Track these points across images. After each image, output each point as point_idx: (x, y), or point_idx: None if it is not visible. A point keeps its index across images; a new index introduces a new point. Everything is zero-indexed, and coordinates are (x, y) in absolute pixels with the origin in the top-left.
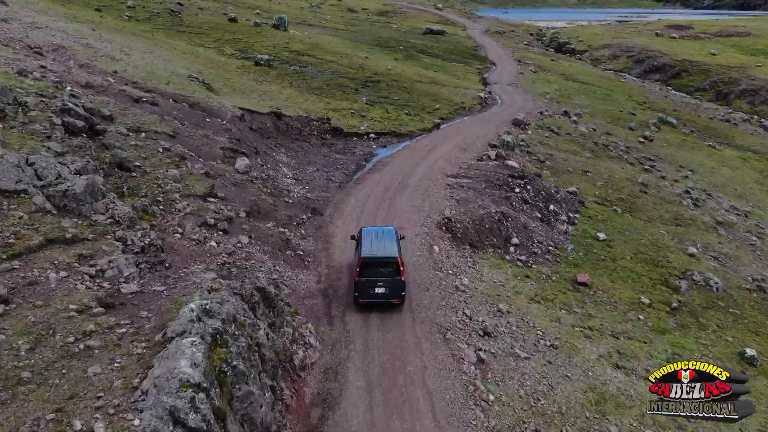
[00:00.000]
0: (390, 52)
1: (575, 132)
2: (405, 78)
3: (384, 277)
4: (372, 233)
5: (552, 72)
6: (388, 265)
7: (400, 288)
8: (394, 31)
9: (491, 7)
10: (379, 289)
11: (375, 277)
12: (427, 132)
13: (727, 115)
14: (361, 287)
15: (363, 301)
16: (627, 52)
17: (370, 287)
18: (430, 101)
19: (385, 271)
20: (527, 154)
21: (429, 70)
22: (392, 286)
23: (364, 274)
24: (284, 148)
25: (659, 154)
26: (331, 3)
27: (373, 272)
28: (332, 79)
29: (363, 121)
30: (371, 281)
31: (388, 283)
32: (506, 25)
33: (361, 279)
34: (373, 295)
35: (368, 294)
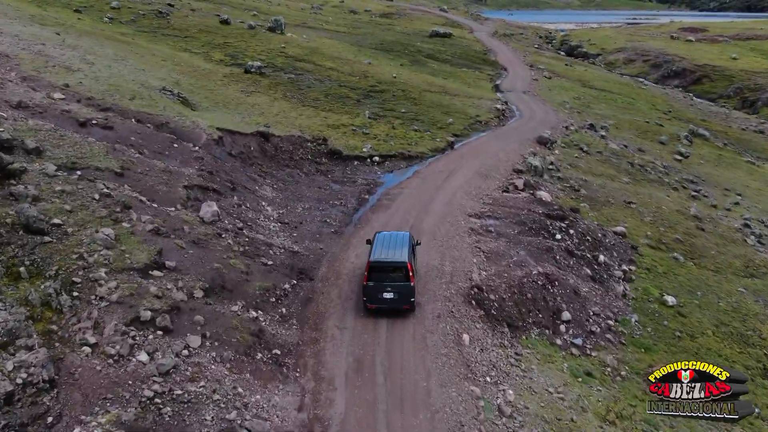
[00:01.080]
0: (395, 57)
1: (606, 150)
2: (412, 87)
3: (392, 282)
4: (385, 237)
5: (567, 78)
6: (396, 270)
7: (409, 294)
8: (398, 33)
9: (494, 9)
10: (387, 294)
11: (383, 281)
12: (440, 153)
13: (760, 126)
14: (368, 291)
15: (371, 305)
16: (643, 56)
17: (378, 292)
18: (441, 114)
19: (394, 276)
20: (558, 181)
21: (438, 77)
22: (401, 292)
23: (372, 278)
24: (270, 178)
25: (700, 174)
26: (333, 4)
27: (382, 277)
28: (331, 88)
29: (366, 141)
30: (379, 286)
31: (396, 288)
32: (514, 28)
33: (369, 283)
34: (381, 300)
35: (376, 299)
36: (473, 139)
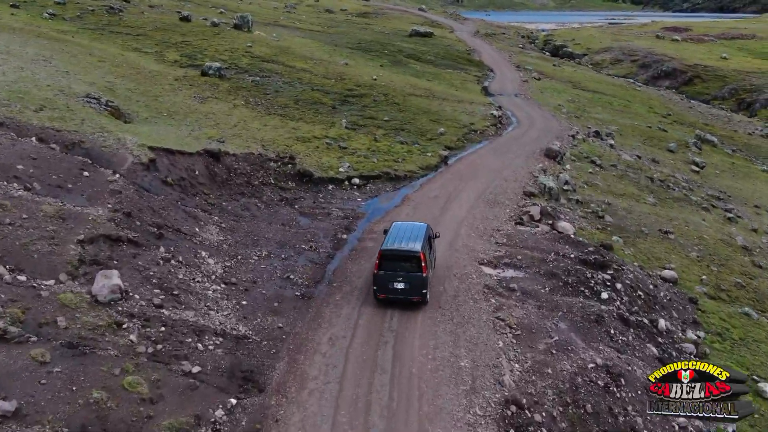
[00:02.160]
0: (374, 57)
1: (620, 162)
2: (395, 90)
3: (404, 272)
4: (401, 228)
5: (557, 79)
6: (408, 259)
7: (421, 285)
8: (376, 33)
9: (471, 9)
10: (398, 284)
11: (394, 271)
12: (433, 171)
13: (765, 130)
14: (379, 280)
15: (381, 295)
16: (630, 56)
17: (388, 281)
18: (430, 122)
19: (405, 265)
20: (578, 206)
21: (422, 79)
22: (412, 282)
23: (382, 267)
24: (219, 213)
25: (722, 188)
26: (308, 4)
27: (393, 266)
28: (302, 93)
29: (343, 157)
30: (390, 275)
31: (407, 278)
32: (495, 27)
33: (379, 272)
34: (392, 290)
35: (386, 288)
36: (469, 153)
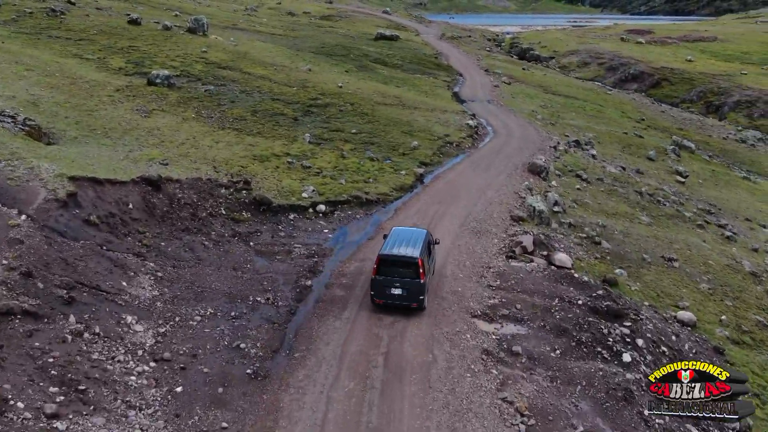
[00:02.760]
0: (339, 62)
1: (606, 176)
2: (363, 99)
3: (402, 278)
4: (400, 233)
5: (528, 83)
6: (407, 265)
7: (418, 291)
8: (341, 36)
9: (434, 12)
10: (395, 290)
11: (392, 276)
12: (408, 191)
13: (739, 135)
14: (376, 286)
15: (378, 300)
16: (597, 59)
17: (386, 287)
18: (402, 135)
19: (403, 271)
20: (571, 230)
21: (390, 86)
22: (410, 289)
23: (380, 272)
24: (155, 257)
25: (709, 199)
26: (269, 6)
27: (391, 271)
28: (261, 103)
29: (306, 179)
30: (388, 280)
31: (405, 284)
32: (460, 30)
33: (377, 277)
34: (389, 295)
35: (384, 294)
36: (447, 169)
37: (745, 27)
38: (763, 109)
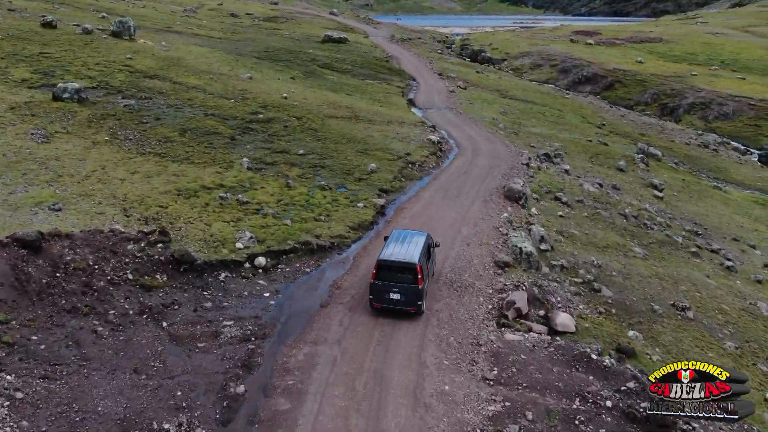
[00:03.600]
0: (284, 67)
1: (586, 196)
2: (311, 111)
3: (400, 283)
4: (401, 235)
5: (484, 87)
6: (405, 271)
7: (416, 297)
8: (286, 39)
9: (381, 13)
10: (394, 294)
11: (390, 281)
12: (368, 229)
13: (700, 139)
14: (375, 290)
15: (377, 305)
16: (549, 61)
17: (384, 291)
18: (357, 154)
19: (402, 276)
20: (564, 274)
21: (341, 94)
22: (408, 294)
23: (379, 276)
24: (17, 364)
25: (689, 215)
26: (210, 7)
27: (389, 276)
28: (192, 120)
29: (242, 221)
30: (386, 285)
31: (403, 289)
32: (410, 32)
33: (376, 282)
34: (388, 300)
35: (382, 299)
36: (411, 197)
37: (687, 28)
38: (717, 111)
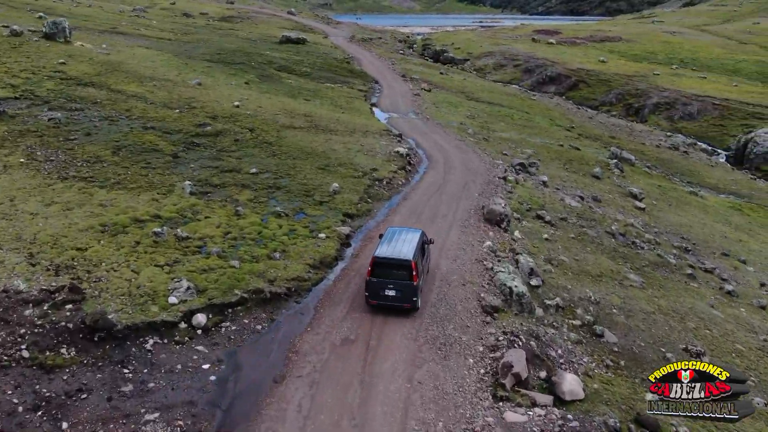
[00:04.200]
0: (238, 71)
1: (569, 212)
2: (266, 121)
3: (395, 280)
4: (395, 233)
5: (448, 90)
6: (400, 267)
7: (411, 293)
8: (241, 40)
9: (340, 13)
10: (389, 291)
11: (386, 278)
12: (330, 267)
13: (669, 141)
14: (371, 287)
15: (373, 302)
16: (512, 61)
17: (380, 288)
18: (318, 172)
19: (397, 273)
20: (561, 316)
21: (299, 99)
22: (403, 290)
23: (375, 273)
24: None
25: (673, 227)
26: (162, 7)
27: (385, 273)
28: (129, 135)
29: (180, 263)
30: (382, 282)
31: (399, 286)
32: (370, 32)
33: (372, 279)
34: (383, 297)
35: (378, 295)
36: (380, 222)
37: (645, 27)
38: (682, 111)
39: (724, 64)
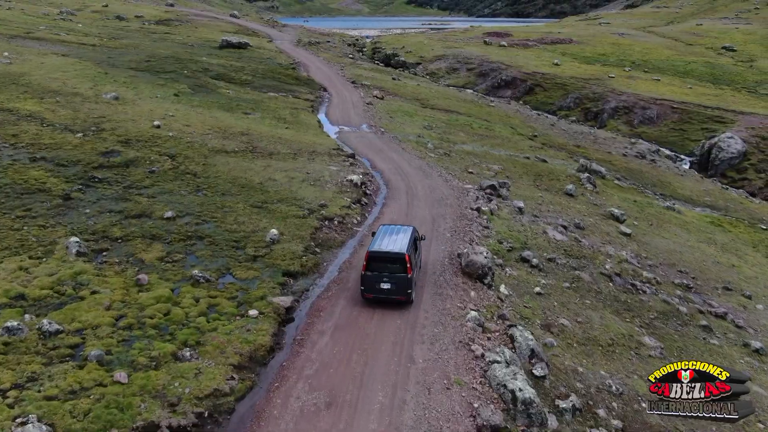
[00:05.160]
0: (168, 80)
1: (555, 249)
2: (192, 145)
3: (390, 273)
4: (388, 230)
5: (402, 97)
6: (395, 261)
7: (405, 285)
8: (177, 45)
9: (287, 16)
10: (384, 284)
11: (381, 272)
12: (263, 366)
13: (635, 148)
14: (366, 281)
15: (368, 295)
16: (466, 65)
17: (375, 282)
18: (252, 213)
19: (391, 267)
20: (580, 425)
21: (236, 114)
22: (398, 283)
23: (370, 267)
24: None
25: (662, 256)
26: (94, 9)
27: (380, 267)
28: (6, 172)
29: (36, 383)
30: (377, 276)
31: (393, 279)
32: (318, 35)
33: (367, 273)
34: (378, 290)
35: (373, 288)
36: (332, 283)
37: (593, 29)
38: (641, 115)
39: (675, 66)
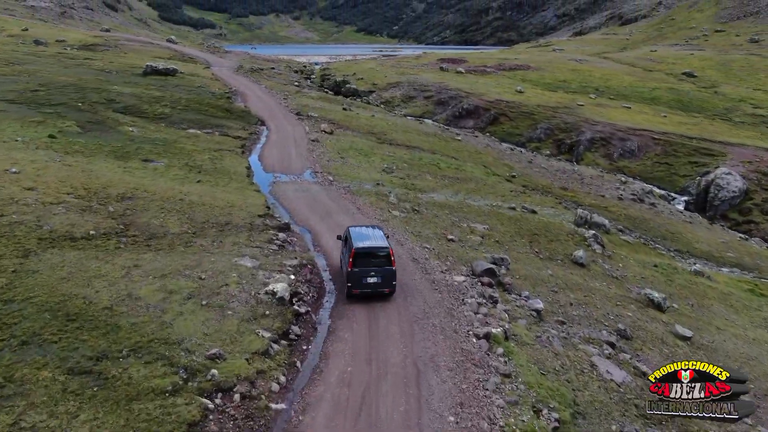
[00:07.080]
0: (50, 115)
1: (628, 412)
2: (15, 227)
3: (376, 267)
4: (360, 231)
5: (355, 130)
6: (380, 255)
7: (392, 277)
8: (91, 72)
9: (236, 43)
10: (371, 278)
11: (367, 266)
12: None
13: (628, 189)
14: (353, 277)
15: (356, 291)
16: (423, 92)
17: (362, 277)
18: (65, 389)
19: (377, 261)
20: None
21: (131, 163)
22: (384, 276)
23: (356, 264)
24: None
25: (727, 361)
26: (10, 33)
27: (366, 262)
28: None
29: None
30: (364, 271)
31: (380, 272)
32: (262, 61)
33: (354, 269)
34: (366, 285)
35: (361, 284)
36: None
37: (550, 55)
38: (621, 147)
39: (640, 93)
